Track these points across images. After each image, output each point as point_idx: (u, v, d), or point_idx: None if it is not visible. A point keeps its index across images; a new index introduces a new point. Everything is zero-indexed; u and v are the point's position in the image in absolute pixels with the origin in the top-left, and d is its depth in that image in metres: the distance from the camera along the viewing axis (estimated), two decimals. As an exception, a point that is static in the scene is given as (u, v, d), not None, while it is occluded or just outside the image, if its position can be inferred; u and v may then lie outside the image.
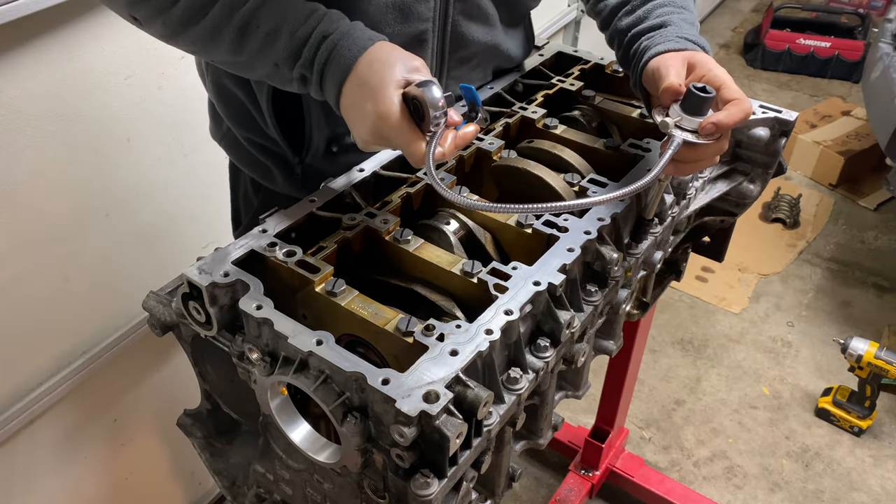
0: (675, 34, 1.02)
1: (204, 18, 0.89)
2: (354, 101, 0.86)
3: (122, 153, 1.43)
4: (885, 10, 3.61)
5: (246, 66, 0.94)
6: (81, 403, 1.55)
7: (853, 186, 3.48)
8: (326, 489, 0.91)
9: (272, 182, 1.18)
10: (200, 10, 0.89)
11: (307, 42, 0.88)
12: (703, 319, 2.82)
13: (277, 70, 0.91)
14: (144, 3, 0.90)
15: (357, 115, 0.87)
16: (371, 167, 1.04)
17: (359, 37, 0.87)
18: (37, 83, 1.24)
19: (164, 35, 0.95)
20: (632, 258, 1.03)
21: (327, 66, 0.87)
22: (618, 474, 2.13)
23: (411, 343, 0.79)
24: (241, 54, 0.91)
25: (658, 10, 1.07)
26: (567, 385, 1.07)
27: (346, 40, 0.87)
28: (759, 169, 1.26)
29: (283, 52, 0.88)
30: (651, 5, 1.08)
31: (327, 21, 0.89)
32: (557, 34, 2.94)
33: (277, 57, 0.89)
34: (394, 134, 0.84)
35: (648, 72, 0.99)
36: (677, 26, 1.04)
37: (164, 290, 0.94)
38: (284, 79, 0.92)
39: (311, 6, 0.90)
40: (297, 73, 0.89)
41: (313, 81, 0.89)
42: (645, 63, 1.01)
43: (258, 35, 0.89)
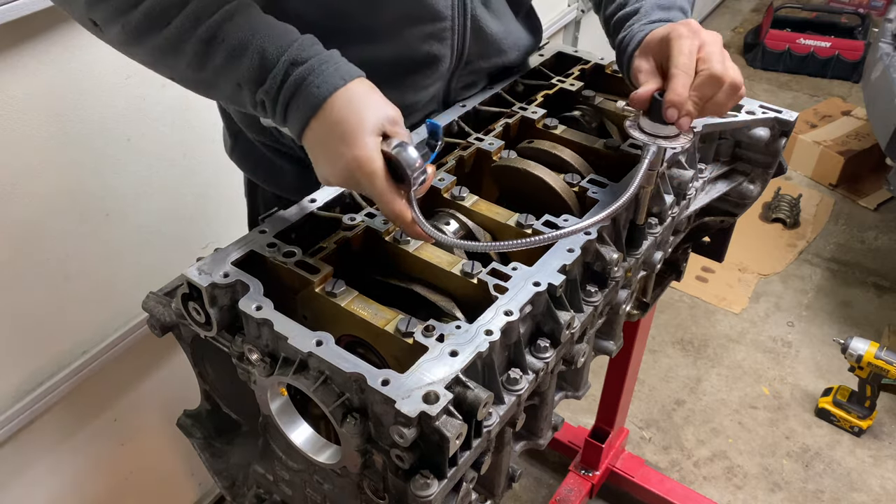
0: (646, 20, 1.02)
1: (167, 27, 0.83)
2: (324, 139, 0.82)
3: (122, 153, 1.43)
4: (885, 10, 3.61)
5: (207, 84, 0.87)
6: (81, 403, 1.55)
7: (853, 186, 3.48)
8: (326, 490, 0.91)
9: (289, 189, 1.17)
10: (162, 16, 0.82)
11: (274, 67, 0.82)
12: (703, 319, 2.82)
13: (239, 91, 0.85)
14: (103, 4, 0.83)
15: (326, 155, 0.82)
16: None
17: (332, 73, 0.82)
18: (37, 83, 1.24)
19: (122, 42, 0.87)
20: (632, 258, 1.03)
21: (294, 98, 0.82)
22: (618, 474, 2.13)
23: (411, 344, 0.79)
24: (204, 70, 0.84)
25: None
26: (567, 385, 1.07)
27: (318, 76, 0.81)
28: (759, 169, 1.26)
29: (247, 73, 0.82)
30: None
31: (298, 47, 0.83)
32: (557, 34, 2.94)
33: (241, 77, 0.83)
34: (375, 190, 0.80)
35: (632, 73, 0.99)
36: (645, 12, 1.04)
37: (164, 291, 0.94)
38: (245, 102, 0.86)
39: (284, 27, 0.85)
40: (259, 98, 0.83)
41: (277, 111, 0.84)
42: (629, 63, 1.01)
43: (223, 50, 0.82)
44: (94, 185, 1.41)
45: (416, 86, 1.10)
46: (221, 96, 0.89)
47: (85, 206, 1.41)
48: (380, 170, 0.79)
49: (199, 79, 0.86)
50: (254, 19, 0.84)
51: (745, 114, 1.17)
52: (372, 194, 0.81)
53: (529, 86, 1.30)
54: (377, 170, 0.79)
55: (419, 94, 1.12)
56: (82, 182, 1.39)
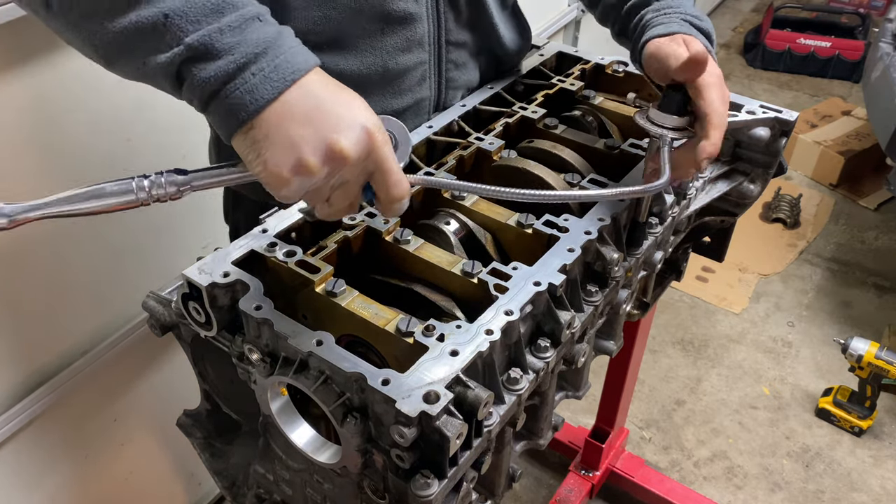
0: (679, 14, 1.03)
1: None
2: (316, 104, 0.68)
3: (122, 153, 1.43)
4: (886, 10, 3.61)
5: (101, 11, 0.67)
6: (81, 403, 1.55)
7: (853, 186, 3.48)
8: (326, 489, 0.91)
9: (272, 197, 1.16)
10: None
11: (237, 8, 0.67)
12: (703, 319, 2.81)
13: (156, 28, 0.66)
14: None
15: (313, 124, 0.67)
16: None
17: (302, 51, 0.70)
18: (37, 83, 1.24)
19: None
20: (632, 258, 1.03)
21: (272, 48, 0.67)
22: (618, 474, 2.12)
23: (411, 343, 0.79)
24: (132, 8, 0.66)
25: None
26: (567, 385, 1.07)
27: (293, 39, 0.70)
28: (760, 169, 1.26)
29: (192, 3, 0.66)
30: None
31: (263, 7, 0.71)
32: (557, 34, 2.94)
33: (176, 6, 0.66)
34: (387, 161, 0.70)
35: (647, 54, 0.99)
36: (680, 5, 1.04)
37: (164, 291, 0.94)
38: (156, 45, 0.67)
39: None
40: (201, 37, 0.65)
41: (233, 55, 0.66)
42: (644, 43, 1.01)
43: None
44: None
45: (396, 49, 1.08)
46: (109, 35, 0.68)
47: (85, 205, 1.41)
48: (386, 135, 0.71)
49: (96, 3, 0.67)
50: None
51: (746, 114, 1.17)
52: (380, 166, 0.70)
53: (529, 86, 1.30)
54: (388, 137, 0.70)
55: (401, 61, 1.09)
56: (82, 182, 1.38)
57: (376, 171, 0.70)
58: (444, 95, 1.19)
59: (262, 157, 0.67)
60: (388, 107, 1.12)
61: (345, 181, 0.70)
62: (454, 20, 1.13)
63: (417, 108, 1.16)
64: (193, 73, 0.67)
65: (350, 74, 1.07)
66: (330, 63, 1.06)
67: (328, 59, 1.06)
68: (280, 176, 0.67)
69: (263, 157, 0.67)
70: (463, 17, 1.14)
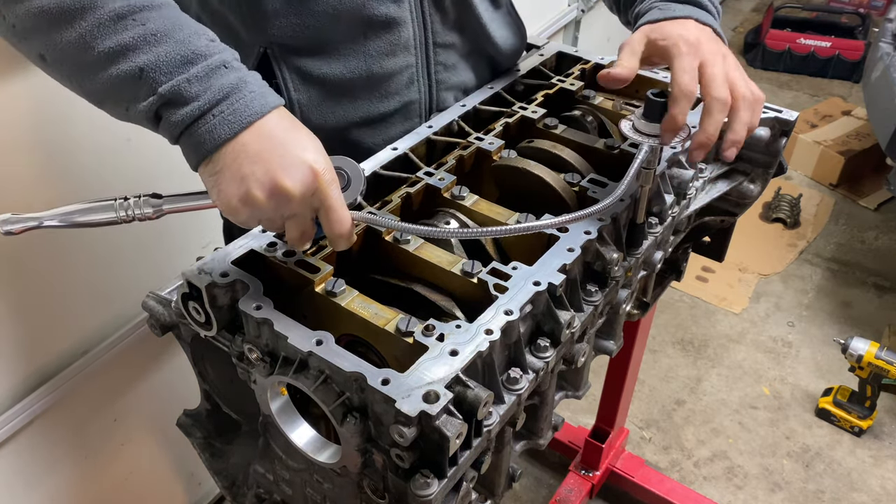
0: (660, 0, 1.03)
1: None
2: (270, 143, 0.75)
3: (122, 153, 1.43)
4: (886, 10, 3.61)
5: (87, 68, 0.76)
6: (81, 403, 1.55)
7: (853, 186, 3.48)
8: (326, 489, 0.91)
9: None
10: None
11: (204, 58, 0.75)
12: (703, 319, 2.81)
13: (134, 80, 0.74)
14: None
15: (265, 161, 0.74)
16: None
17: (266, 92, 0.77)
18: (37, 83, 1.24)
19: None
20: (632, 258, 1.03)
21: (234, 94, 0.75)
22: (618, 474, 2.13)
23: (411, 343, 0.79)
24: (95, 48, 0.74)
25: None
26: (567, 385, 1.07)
27: (255, 87, 0.77)
28: (760, 169, 1.26)
29: (164, 57, 0.74)
30: None
31: (230, 52, 0.78)
32: (557, 34, 2.94)
33: (150, 60, 0.73)
34: (330, 198, 0.76)
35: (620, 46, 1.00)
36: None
37: (164, 291, 0.95)
38: (135, 94, 0.75)
39: (205, 30, 0.79)
40: (172, 87, 0.73)
41: (198, 102, 0.74)
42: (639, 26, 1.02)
43: (135, 30, 0.74)
44: (94, 185, 1.41)
45: (380, 53, 1.07)
46: (97, 86, 0.77)
47: (85, 205, 1.41)
48: (333, 172, 0.78)
49: (83, 60, 0.75)
50: (179, 15, 0.78)
51: (746, 113, 1.17)
52: (323, 203, 0.77)
53: (529, 85, 1.30)
54: (335, 177, 0.78)
55: (386, 65, 1.08)
56: (82, 182, 1.39)
57: (321, 208, 0.77)
58: (436, 97, 1.18)
59: (217, 187, 0.77)
60: (375, 111, 1.12)
61: (293, 214, 0.78)
62: (440, 22, 1.12)
63: (407, 111, 1.16)
64: (166, 117, 0.76)
65: (334, 79, 1.07)
66: (313, 68, 1.06)
67: (311, 65, 1.06)
68: (231, 205, 0.76)
69: (219, 188, 0.77)
70: (450, 19, 1.13)
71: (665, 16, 1.00)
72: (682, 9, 1.00)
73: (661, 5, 1.02)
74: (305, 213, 0.78)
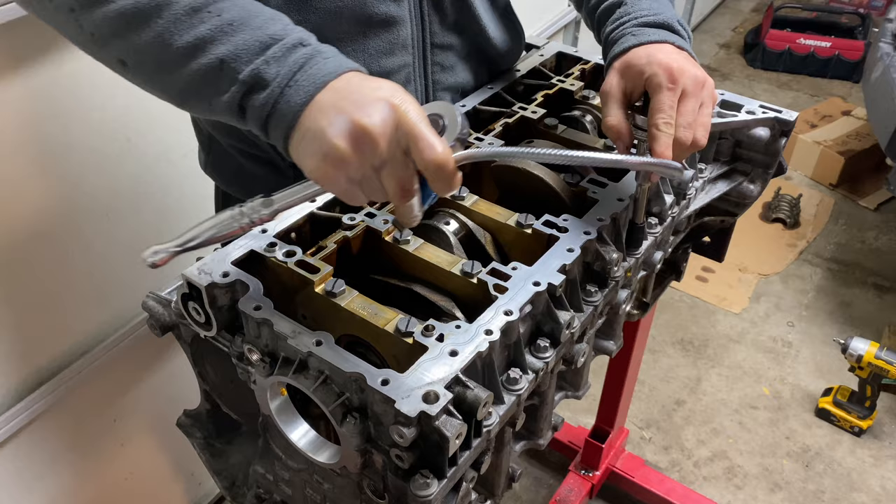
0: (633, 24, 1.02)
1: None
2: (347, 93, 0.72)
3: (122, 153, 1.43)
4: (886, 10, 3.61)
5: (170, 64, 0.76)
6: (81, 403, 1.55)
7: (853, 186, 3.48)
8: (326, 489, 0.91)
9: None
10: None
11: (280, 40, 0.75)
12: (703, 319, 2.82)
13: (215, 72, 0.75)
14: None
15: (346, 107, 0.71)
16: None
17: (343, 57, 0.77)
18: (36, 83, 1.24)
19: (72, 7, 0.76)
20: (632, 258, 1.03)
21: (308, 62, 0.74)
22: (618, 474, 2.13)
23: (411, 343, 0.79)
24: (174, 44, 0.75)
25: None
26: (567, 385, 1.07)
27: (330, 55, 0.76)
28: (760, 169, 1.26)
29: (242, 46, 0.74)
30: None
31: (306, 32, 0.78)
32: (557, 34, 2.94)
33: (229, 50, 0.74)
34: (416, 129, 0.69)
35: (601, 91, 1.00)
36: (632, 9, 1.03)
37: (164, 291, 0.95)
38: (217, 87, 0.75)
39: (280, 15, 0.79)
40: (252, 72, 0.74)
41: (280, 75, 0.74)
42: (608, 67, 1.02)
43: (211, 22, 0.74)
44: (94, 185, 1.41)
45: (378, 52, 1.07)
46: (178, 83, 0.77)
47: (85, 206, 1.41)
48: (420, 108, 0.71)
49: (162, 58, 0.76)
50: (252, 3, 0.79)
51: (745, 114, 1.17)
52: (409, 133, 0.70)
53: (529, 86, 1.30)
54: (419, 108, 0.71)
55: (384, 64, 1.08)
56: (82, 182, 1.39)
57: (409, 142, 0.70)
58: (433, 98, 1.19)
59: (305, 158, 0.72)
60: None
61: (383, 161, 0.71)
62: (439, 22, 1.12)
63: None
64: (251, 104, 0.74)
65: None
66: None
67: None
68: (322, 171, 0.71)
69: (306, 158, 0.72)
70: (449, 20, 1.13)
71: (639, 41, 0.98)
72: (656, 33, 0.99)
73: (634, 31, 1.01)
74: (396, 155, 0.70)
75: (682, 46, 0.98)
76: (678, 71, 0.91)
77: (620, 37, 1.02)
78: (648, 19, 1.02)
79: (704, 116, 0.94)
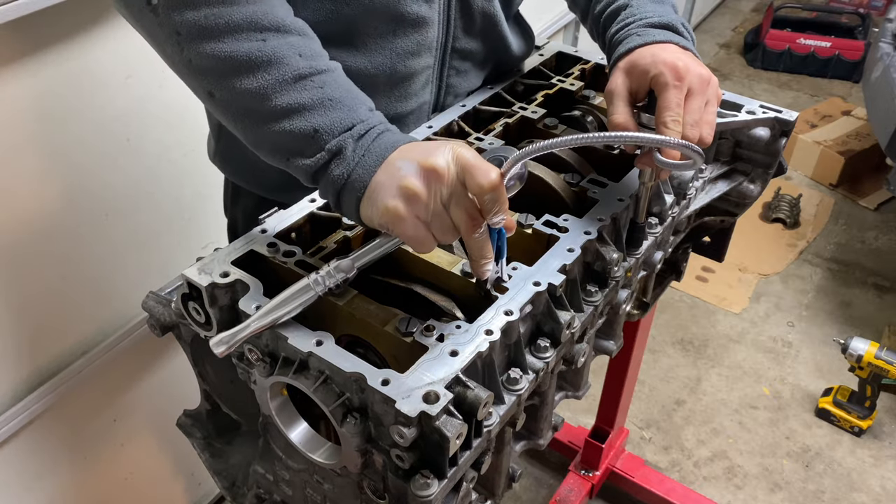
0: (638, 25, 1.03)
1: (260, 41, 0.81)
2: (415, 148, 0.81)
3: (122, 153, 1.43)
4: (886, 10, 3.61)
5: (259, 115, 0.82)
6: (81, 403, 1.55)
7: (853, 186, 3.48)
8: (326, 490, 0.91)
9: (270, 188, 1.16)
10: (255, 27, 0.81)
11: (364, 121, 0.83)
12: (703, 319, 2.82)
13: (306, 138, 0.82)
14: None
15: (410, 157, 0.78)
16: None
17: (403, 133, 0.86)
18: (36, 83, 1.24)
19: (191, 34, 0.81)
20: (632, 258, 1.03)
21: (380, 136, 0.83)
22: (618, 474, 2.13)
23: (411, 343, 0.79)
24: (271, 102, 0.81)
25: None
26: (567, 385, 1.07)
27: (395, 130, 0.86)
28: (760, 169, 1.26)
29: (337, 121, 0.82)
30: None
31: (381, 116, 0.87)
32: (557, 34, 2.94)
33: (324, 123, 0.81)
34: (472, 163, 0.76)
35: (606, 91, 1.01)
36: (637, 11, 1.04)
37: (164, 291, 0.94)
38: (303, 150, 0.82)
39: (367, 99, 0.88)
40: (338, 143, 0.81)
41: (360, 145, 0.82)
42: (612, 67, 1.02)
43: (314, 92, 0.82)
44: (94, 185, 1.41)
45: (406, 52, 1.08)
46: (263, 132, 0.84)
47: (85, 206, 1.41)
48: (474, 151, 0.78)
49: (257, 108, 0.82)
50: (347, 82, 0.87)
51: (746, 114, 1.17)
52: (463, 165, 0.76)
53: (529, 86, 1.30)
54: (474, 152, 0.78)
55: (410, 64, 1.09)
56: (82, 182, 1.39)
57: (465, 174, 0.76)
58: (443, 101, 1.19)
59: (376, 205, 0.78)
60: (392, 110, 1.11)
61: (450, 194, 0.77)
62: (463, 28, 1.12)
63: (420, 112, 1.16)
64: (329, 171, 0.82)
65: (357, 73, 1.06)
66: (338, 58, 1.05)
67: (337, 55, 1.04)
68: (392, 209, 0.77)
69: (377, 204, 0.78)
70: (475, 27, 1.13)
71: (645, 41, 0.99)
72: (661, 34, 1.00)
73: (639, 31, 1.02)
74: (458, 187, 0.77)
75: (686, 47, 0.99)
76: (684, 69, 0.92)
77: (626, 37, 1.02)
78: (653, 20, 1.03)
79: (710, 114, 0.94)
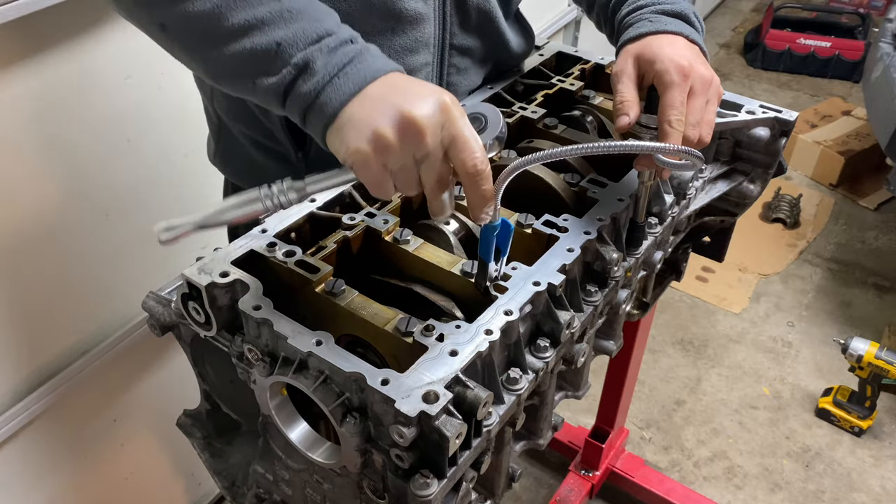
0: (650, 11, 1.03)
1: None
2: (393, 89, 0.75)
3: (122, 153, 1.43)
4: (886, 10, 3.61)
5: (216, 39, 0.77)
6: (81, 403, 1.55)
7: (853, 186, 3.48)
8: (326, 489, 0.91)
9: None
10: None
11: (333, 34, 0.78)
12: (703, 319, 2.81)
13: (268, 54, 0.76)
14: None
15: (392, 101, 0.73)
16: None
17: (387, 59, 0.81)
18: (36, 83, 1.24)
19: None
20: (632, 258, 1.03)
21: (357, 57, 0.77)
22: (618, 474, 2.13)
23: (411, 343, 0.79)
24: (228, 20, 0.76)
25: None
26: (567, 385, 1.07)
27: (376, 51, 0.80)
28: (760, 169, 1.26)
29: (300, 33, 0.76)
30: None
31: (352, 31, 0.81)
32: (557, 34, 2.94)
33: (287, 35, 0.76)
34: (459, 128, 0.72)
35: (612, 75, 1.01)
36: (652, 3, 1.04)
37: (164, 291, 0.94)
38: (268, 68, 0.77)
39: (333, 12, 0.83)
40: (304, 57, 0.76)
41: (328, 66, 0.76)
42: (618, 52, 1.02)
43: (271, 5, 0.76)
44: (94, 185, 1.41)
45: (404, 50, 1.07)
46: (223, 57, 0.78)
47: (85, 206, 1.41)
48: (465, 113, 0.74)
49: (213, 31, 0.77)
50: None
51: (745, 114, 1.17)
52: (452, 132, 0.72)
53: (529, 86, 1.30)
54: (464, 112, 0.73)
55: (408, 62, 1.08)
56: (82, 182, 1.39)
57: (451, 143, 0.72)
58: None
59: (345, 142, 0.73)
60: None
61: (426, 154, 0.72)
62: (459, 24, 1.12)
63: None
64: (296, 88, 0.76)
65: None
66: None
67: None
68: (362, 154, 0.72)
69: (346, 141, 0.73)
70: (471, 23, 1.13)
71: (656, 28, 1.00)
72: (672, 23, 1.01)
73: (651, 17, 1.02)
74: (437, 151, 0.72)
75: (695, 40, 1.00)
76: (689, 69, 0.93)
77: (637, 21, 1.03)
78: (666, 8, 1.03)
79: (710, 115, 0.95)
